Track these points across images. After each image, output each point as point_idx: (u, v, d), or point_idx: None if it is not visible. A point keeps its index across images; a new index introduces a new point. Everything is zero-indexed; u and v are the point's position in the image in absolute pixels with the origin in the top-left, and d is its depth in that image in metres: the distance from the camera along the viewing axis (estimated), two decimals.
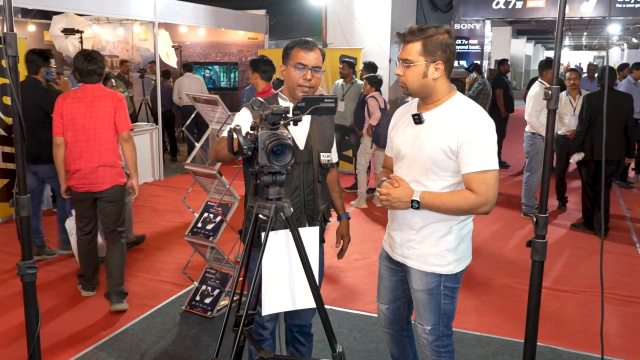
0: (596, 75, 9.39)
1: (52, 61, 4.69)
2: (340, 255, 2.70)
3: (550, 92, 1.83)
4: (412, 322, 2.48)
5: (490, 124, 2.10)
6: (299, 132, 2.36)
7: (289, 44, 2.43)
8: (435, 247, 2.19)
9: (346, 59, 7.39)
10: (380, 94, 6.41)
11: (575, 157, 5.59)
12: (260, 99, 2.01)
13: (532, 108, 6.00)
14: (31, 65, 4.56)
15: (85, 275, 4.08)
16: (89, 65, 3.76)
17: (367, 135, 6.35)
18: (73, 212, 4.09)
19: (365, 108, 6.32)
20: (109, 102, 3.79)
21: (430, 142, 2.11)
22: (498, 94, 8.86)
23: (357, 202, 6.64)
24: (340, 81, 7.39)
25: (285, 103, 2.34)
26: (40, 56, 4.59)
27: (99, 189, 3.78)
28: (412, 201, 2.11)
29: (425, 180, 2.15)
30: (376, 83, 6.37)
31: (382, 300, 2.49)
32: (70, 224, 4.16)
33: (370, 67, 7.04)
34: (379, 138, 6.14)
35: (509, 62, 9.91)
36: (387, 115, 6.15)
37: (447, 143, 2.07)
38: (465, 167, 2.07)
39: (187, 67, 9.47)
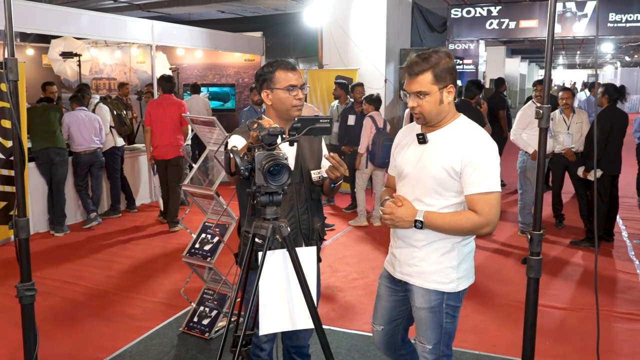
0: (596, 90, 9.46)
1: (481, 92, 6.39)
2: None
3: (541, 111, 1.87)
4: (413, 340, 2.47)
5: (493, 147, 2.14)
6: (287, 153, 2.37)
7: (264, 68, 2.39)
8: (438, 264, 2.21)
9: (339, 81, 7.49)
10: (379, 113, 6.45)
11: (593, 174, 5.61)
12: (255, 120, 2.03)
13: (516, 125, 6.12)
14: (468, 93, 6.37)
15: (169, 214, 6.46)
16: (168, 84, 6.40)
17: (362, 155, 6.37)
18: (157, 175, 6.60)
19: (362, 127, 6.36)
20: (176, 107, 6.35)
21: (434, 162, 2.14)
22: (502, 115, 8.80)
23: (355, 221, 6.64)
24: (336, 102, 7.52)
25: None
26: (477, 87, 6.38)
27: (167, 158, 6.35)
28: (416, 221, 2.13)
29: (428, 200, 2.17)
30: (374, 101, 6.42)
31: (377, 321, 2.48)
32: (156, 181, 6.75)
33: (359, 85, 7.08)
34: (375, 157, 6.18)
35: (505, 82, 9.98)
36: (383, 134, 6.20)
37: (450, 164, 2.10)
38: (469, 188, 2.10)
39: (194, 88, 9.19)
